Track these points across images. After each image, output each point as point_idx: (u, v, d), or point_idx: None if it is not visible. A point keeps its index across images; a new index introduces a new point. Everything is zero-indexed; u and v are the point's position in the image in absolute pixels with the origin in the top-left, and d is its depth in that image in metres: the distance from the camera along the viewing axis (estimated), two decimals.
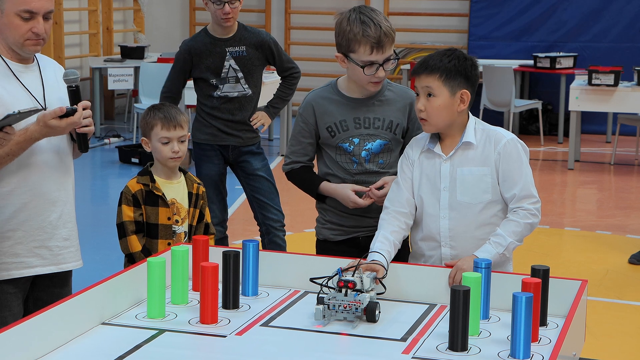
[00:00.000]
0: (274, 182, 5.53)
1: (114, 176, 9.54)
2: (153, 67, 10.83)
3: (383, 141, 3.49)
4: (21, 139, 3.17)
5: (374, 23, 3.33)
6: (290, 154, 3.62)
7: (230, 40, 5.39)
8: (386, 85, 3.53)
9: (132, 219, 3.67)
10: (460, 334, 2.45)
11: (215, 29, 5.41)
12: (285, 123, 10.36)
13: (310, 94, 3.58)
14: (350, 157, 3.50)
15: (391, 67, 3.41)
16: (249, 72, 5.39)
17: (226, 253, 2.76)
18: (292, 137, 3.63)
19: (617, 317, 5.54)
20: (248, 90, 5.40)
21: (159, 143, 3.72)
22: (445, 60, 3.10)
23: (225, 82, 5.36)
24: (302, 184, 3.62)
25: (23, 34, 3.24)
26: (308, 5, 13.24)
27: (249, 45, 5.39)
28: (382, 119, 3.49)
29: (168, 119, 3.73)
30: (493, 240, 3.09)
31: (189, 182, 3.79)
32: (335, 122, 3.50)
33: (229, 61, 5.35)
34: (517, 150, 3.16)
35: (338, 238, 3.57)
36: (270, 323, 2.66)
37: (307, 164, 3.62)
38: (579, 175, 9.68)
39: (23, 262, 3.33)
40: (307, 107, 3.55)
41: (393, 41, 3.39)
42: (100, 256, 6.34)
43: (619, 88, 9.54)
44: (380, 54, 3.35)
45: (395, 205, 3.20)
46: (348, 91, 3.52)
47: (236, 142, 5.43)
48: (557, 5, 12.06)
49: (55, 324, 2.42)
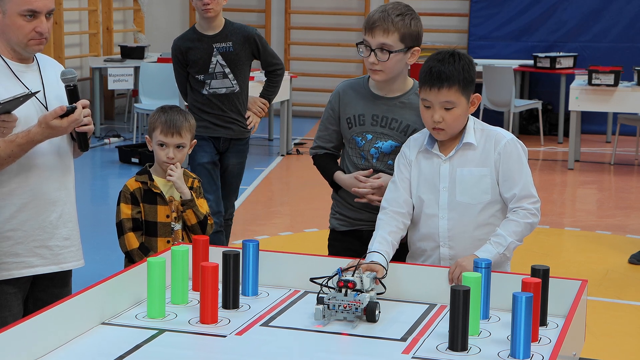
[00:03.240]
0: (238, 180, 5.75)
1: (114, 176, 9.54)
2: (153, 67, 10.84)
3: (395, 143, 3.47)
4: (23, 141, 3.17)
5: (384, 10, 3.35)
6: (317, 138, 3.67)
7: (216, 36, 5.48)
8: (415, 89, 3.47)
9: (130, 217, 3.69)
10: (460, 334, 2.45)
11: (202, 25, 5.52)
12: (285, 123, 10.36)
13: (342, 82, 3.62)
14: (360, 151, 3.51)
15: (384, 58, 3.36)
16: (236, 68, 5.48)
17: (226, 253, 2.76)
18: (320, 123, 3.67)
19: (617, 317, 5.54)
20: (236, 86, 5.50)
21: (157, 145, 3.79)
22: (459, 68, 3.08)
23: (212, 78, 5.46)
24: (322, 171, 3.66)
25: (27, 34, 3.24)
26: (308, 5, 13.24)
27: (236, 41, 5.47)
28: (399, 121, 3.47)
29: (168, 124, 3.76)
30: (493, 240, 3.09)
31: (185, 177, 3.83)
32: (354, 115, 3.51)
33: (216, 57, 5.44)
34: (517, 151, 3.17)
35: (343, 228, 3.62)
36: (270, 323, 2.66)
37: (331, 152, 3.64)
38: (579, 175, 9.68)
39: (23, 261, 3.33)
40: (336, 94, 3.59)
41: (392, 35, 3.33)
42: (100, 256, 6.34)
43: (619, 88, 9.54)
44: (370, 37, 3.35)
45: (392, 205, 3.20)
46: (374, 87, 3.51)
47: (227, 135, 5.56)
48: (557, 5, 12.06)
49: (55, 324, 2.42)
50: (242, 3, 13.03)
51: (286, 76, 10.34)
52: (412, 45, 3.40)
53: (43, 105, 3.31)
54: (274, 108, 11.24)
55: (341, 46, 13.02)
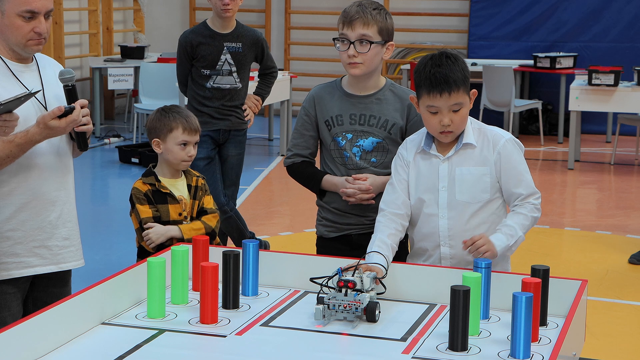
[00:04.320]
0: (238, 171, 5.94)
1: (114, 176, 9.54)
2: (153, 67, 10.84)
3: (376, 139, 3.50)
4: (22, 141, 3.17)
5: (360, 4, 3.42)
6: (292, 147, 3.65)
7: (228, 35, 5.73)
8: (389, 86, 3.55)
9: (152, 215, 3.73)
10: (460, 334, 2.45)
11: (215, 23, 5.72)
12: (285, 123, 10.36)
13: (315, 87, 3.65)
14: (342, 151, 3.53)
15: (364, 50, 3.40)
16: (241, 67, 5.76)
17: (226, 253, 2.76)
18: (294, 130, 3.66)
19: (617, 317, 5.54)
20: (239, 83, 5.79)
21: (177, 146, 3.80)
22: (459, 68, 3.10)
23: (218, 74, 5.71)
24: (304, 179, 3.64)
25: (25, 34, 3.24)
26: (308, 5, 13.24)
27: (245, 42, 5.75)
28: (377, 117, 3.50)
29: (190, 123, 3.85)
30: (506, 231, 3.08)
31: (189, 176, 3.87)
32: (332, 116, 3.54)
33: (225, 55, 5.69)
34: (516, 149, 3.20)
35: (331, 235, 3.62)
36: (270, 323, 2.66)
37: (309, 159, 3.64)
38: (579, 175, 9.68)
39: (23, 261, 3.33)
40: (310, 99, 3.60)
41: (372, 27, 3.39)
42: (100, 256, 6.34)
43: (619, 88, 9.54)
44: (350, 30, 3.40)
45: (391, 207, 3.21)
46: (349, 87, 3.55)
47: (226, 126, 5.79)
48: (557, 5, 12.06)
49: (55, 324, 2.42)
50: (242, 3, 12.99)
51: (286, 76, 10.36)
52: (388, 39, 3.47)
53: (42, 105, 3.31)
54: (274, 108, 11.25)
55: None
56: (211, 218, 3.82)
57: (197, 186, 3.84)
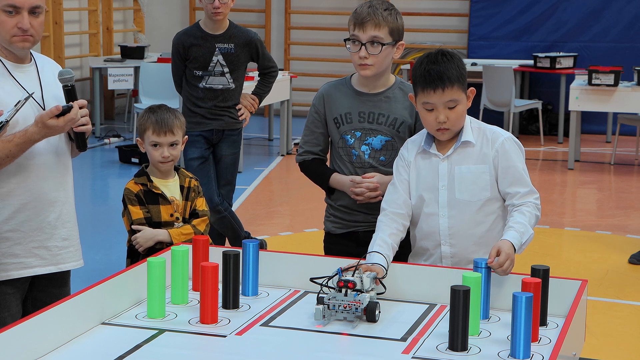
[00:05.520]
0: (233, 171, 5.96)
1: (114, 176, 9.54)
2: (153, 67, 10.84)
3: (385, 137, 3.50)
4: (20, 141, 3.17)
5: (371, 5, 3.42)
6: (303, 144, 3.67)
7: (220, 36, 5.73)
8: (398, 84, 3.55)
9: (143, 217, 3.71)
10: (460, 334, 2.45)
11: (207, 24, 5.74)
12: (285, 123, 10.35)
13: (324, 85, 3.65)
14: (350, 149, 3.53)
15: (376, 51, 3.40)
16: (234, 68, 5.76)
17: (226, 253, 2.76)
18: (305, 128, 3.67)
19: (617, 317, 5.54)
20: (232, 84, 5.79)
21: (150, 146, 3.80)
22: (455, 65, 3.10)
23: (210, 75, 5.73)
24: (314, 177, 3.67)
25: (9, 30, 3.23)
26: (308, 5, 13.24)
27: (238, 43, 5.74)
28: (386, 115, 3.51)
29: (159, 124, 3.78)
30: (518, 228, 3.01)
31: (182, 177, 3.86)
32: (341, 114, 3.54)
33: (217, 56, 5.70)
34: (515, 148, 3.20)
35: (338, 231, 3.63)
36: (270, 323, 2.66)
37: (320, 156, 3.66)
38: (579, 175, 9.68)
39: (22, 262, 3.33)
40: (319, 97, 3.61)
41: (383, 28, 3.40)
42: (100, 256, 6.33)
43: (619, 88, 9.54)
44: (362, 32, 3.40)
45: (392, 207, 3.21)
46: (358, 85, 3.55)
47: (219, 126, 5.81)
48: (557, 5, 12.06)
49: (55, 324, 2.42)
50: (242, 3, 13.02)
51: (286, 76, 10.35)
52: (398, 39, 3.47)
53: (40, 106, 3.31)
54: (274, 108, 11.25)
55: (341, 46, 13.01)
56: (201, 222, 3.81)
57: (189, 187, 3.83)
